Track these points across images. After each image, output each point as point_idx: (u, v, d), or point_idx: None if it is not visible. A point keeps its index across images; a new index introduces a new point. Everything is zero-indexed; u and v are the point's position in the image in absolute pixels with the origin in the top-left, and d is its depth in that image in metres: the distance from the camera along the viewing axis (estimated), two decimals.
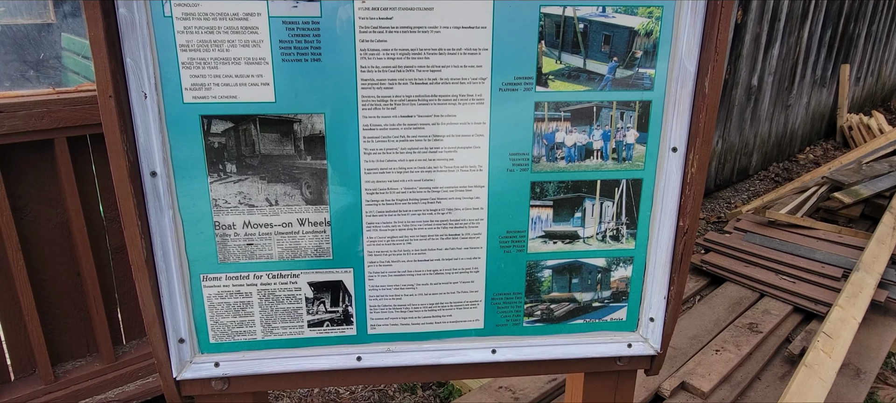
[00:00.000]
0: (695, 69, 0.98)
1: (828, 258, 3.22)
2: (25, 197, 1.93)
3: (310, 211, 0.99)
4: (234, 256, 1.00)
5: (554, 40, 0.95)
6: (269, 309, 1.05)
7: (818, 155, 5.88)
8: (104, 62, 0.84)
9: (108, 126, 0.87)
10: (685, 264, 1.08)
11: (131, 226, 0.92)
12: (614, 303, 1.13)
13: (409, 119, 0.96)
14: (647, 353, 1.16)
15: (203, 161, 0.94)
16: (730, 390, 2.34)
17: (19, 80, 1.98)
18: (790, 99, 5.42)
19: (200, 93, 0.91)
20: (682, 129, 1.01)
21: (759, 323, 2.77)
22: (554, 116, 0.99)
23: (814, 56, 5.55)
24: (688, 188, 1.03)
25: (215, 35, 0.88)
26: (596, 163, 1.03)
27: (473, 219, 1.04)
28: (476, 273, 1.07)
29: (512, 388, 2.26)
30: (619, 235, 1.08)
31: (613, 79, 0.98)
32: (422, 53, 0.93)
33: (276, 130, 0.94)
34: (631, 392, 1.26)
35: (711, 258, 3.33)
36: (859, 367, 2.51)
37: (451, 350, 1.11)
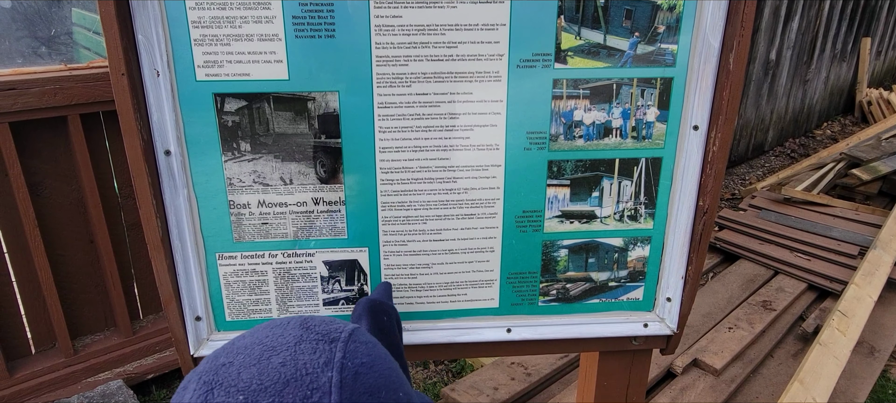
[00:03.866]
0: (719, 44, 0.95)
1: (844, 235, 3.18)
2: (41, 173, 1.94)
3: (324, 189, 0.99)
4: (250, 235, 1.00)
5: (574, 15, 0.92)
6: (284, 287, 1.05)
7: (836, 130, 5.78)
8: (116, 39, 0.82)
9: (122, 104, 0.86)
10: (704, 244, 1.06)
11: (146, 205, 0.92)
12: (631, 283, 1.12)
13: (424, 96, 0.95)
14: (664, 333, 1.15)
15: (217, 139, 0.94)
16: (742, 367, 2.33)
17: (31, 57, 1.98)
18: (809, 73, 5.31)
19: (213, 70, 0.90)
20: (704, 107, 0.99)
21: (772, 301, 2.75)
22: (572, 94, 0.97)
23: (834, 29, 5.41)
24: (709, 167, 1.01)
25: (227, 11, 0.87)
26: (615, 141, 1.01)
27: (489, 199, 1.02)
28: (491, 252, 1.07)
29: (524, 364, 2.27)
30: (637, 215, 1.07)
31: (634, 56, 0.96)
32: (438, 29, 0.91)
33: (289, 108, 0.93)
34: (646, 371, 1.25)
35: (725, 235, 3.30)
36: (874, 345, 2.49)
37: (466, 328, 1.11)
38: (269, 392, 0.40)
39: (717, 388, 2.21)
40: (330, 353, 0.44)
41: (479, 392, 2.12)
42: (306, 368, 0.42)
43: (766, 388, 2.28)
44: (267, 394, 0.40)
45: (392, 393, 0.45)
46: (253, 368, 0.42)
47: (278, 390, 0.41)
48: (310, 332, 0.45)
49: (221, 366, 0.43)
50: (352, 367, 0.43)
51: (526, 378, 2.19)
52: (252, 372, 0.42)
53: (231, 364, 0.43)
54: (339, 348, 0.44)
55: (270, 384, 0.41)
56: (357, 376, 0.43)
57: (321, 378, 0.42)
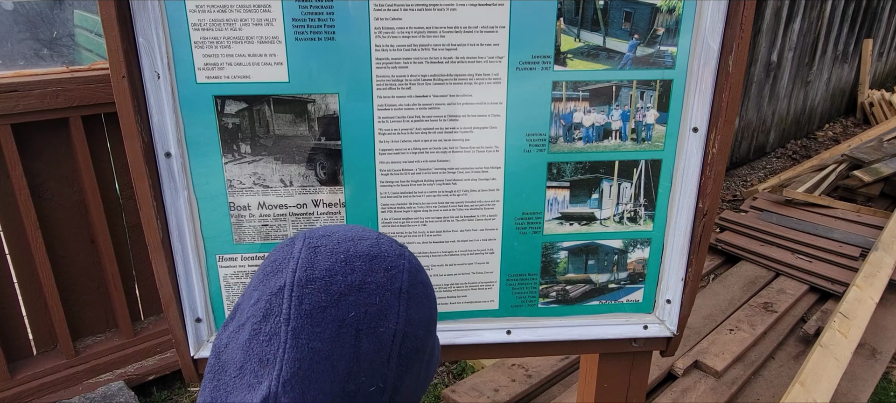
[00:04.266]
0: (718, 46, 0.95)
1: (846, 237, 3.17)
2: (43, 175, 1.94)
3: (324, 192, 0.99)
4: (250, 237, 1.00)
5: (573, 17, 0.93)
6: None
7: (838, 132, 5.77)
8: (117, 42, 0.83)
9: (122, 107, 0.86)
10: (704, 246, 1.06)
11: (147, 207, 0.92)
12: (631, 285, 1.12)
13: (424, 99, 0.95)
14: (664, 335, 1.15)
15: (217, 141, 0.94)
16: (743, 369, 2.33)
17: (33, 59, 1.99)
18: (810, 75, 5.31)
19: (213, 73, 0.90)
20: (703, 109, 0.99)
21: (774, 303, 2.75)
22: (572, 96, 0.97)
23: (836, 30, 5.41)
24: (708, 169, 1.01)
25: (227, 14, 0.87)
26: (614, 143, 1.01)
27: (489, 201, 1.03)
28: (491, 254, 1.07)
29: (525, 366, 2.27)
30: (636, 217, 1.07)
31: (634, 58, 0.96)
32: (437, 31, 0.91)
33: (289, 110, 0.93)
34: (646, 372, 1.25)
35: (726, 236, 3.30)
36: (875, 347, 2.48)
37: (465, 330, 1.11)
38: (362, 259, 0.53)
39: (718, 390, 2.20)
40: (401, 250, 0.57)
41: (480, 393, 2.11)
42: (387, 252, 0.55)
43: (767, 390, 2.28)
44: (361, 260, 0.53)
45: (434, 294, 0.59)
46: (349, 243, 0.54)
47: (368, 260, 0.53)
48: (383, 236, 0.58)
49: (322, 236, 0.55)
50: (413, 264, 0.57)
51: (527, 380, 2.19)
52: (348, 246, 0.54)
53: (331, 236, 0.55)
54: (406, 250, 0.58)
55: (363, 254, 0.54)
56: (416, 271, 0.57)
57: (398, 261, 0.55)
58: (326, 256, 0.52)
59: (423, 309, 0.55)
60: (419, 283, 0.56)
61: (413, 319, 0.53)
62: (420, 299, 0.55)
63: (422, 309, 0.55)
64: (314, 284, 0.50)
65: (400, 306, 0.52)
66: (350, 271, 0.52)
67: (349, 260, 0.52)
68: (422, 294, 0.55)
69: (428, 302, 0.56)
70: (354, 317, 0.50)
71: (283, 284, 0.51)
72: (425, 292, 0.56)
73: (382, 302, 0.52)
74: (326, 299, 0.50)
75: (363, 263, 0.53)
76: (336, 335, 0.49)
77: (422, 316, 0.55)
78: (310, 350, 0.48)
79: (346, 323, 0.50)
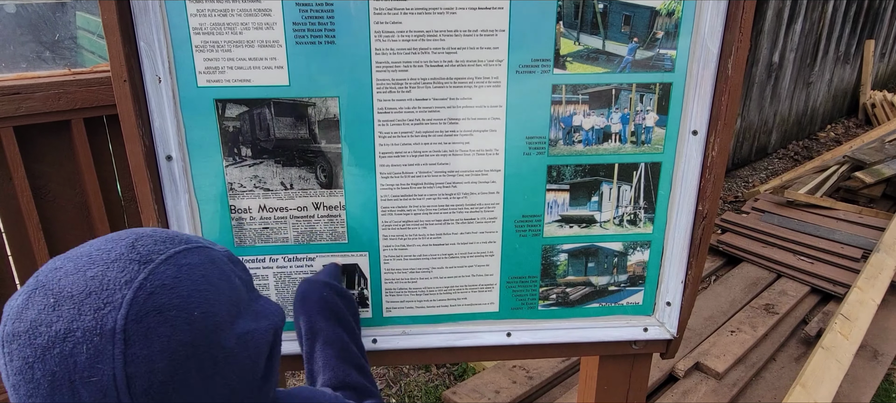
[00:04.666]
0: (718, 50, 0.95)
1: (847, 239, 3.17)
2: (45, 177, 1.95)
3: (324, 195, 0.99)
4: (251, 240, 1.01)
5: (572, 21, 0.93)
6: (285, 291, 1.05)
7: (840, 133, 5.76)
8: (118, 46, 0.83)
9: (124, 110, 0.87)
10: (703, 248, 1.06)
11: (148, 210, 0.93)
12: (631, 287, 1.12)
13: (424, 102, 0.95)
14: (664, 337, 1.15)
15: (218, 145, 0.94)
16: (745, 371, 2.33)
17: (35, 61, 1.99)
18: (812, 76, 5.30)
19: (214, 76, 0.90)
20: (703, 112, 0.99)
21: (775, 304, 2.75)
22: (571, 99, 0.97)
23: (838, 31, 5.40)
24: (708, 172, 1.01)
25: (228, 18, 0.88)
26: (614, 146, 1.01)
27: (489, 203, 1.03)
28: (491, 257, 1.07)
29: (525, 367, 2.27)
30: (636, 219, 1.07)
31: (633, 61, 0.96)
32: (437, 35, 0.91)
33: (290, 114, 0.94)
34: (646, 374, 1.25)
35: (728, 238, 3.30)
36: (877, 349, 2.48)
37: (466, 332, 1.11)
38: (74, 300, 0.47)
39: (720, 392, 2.20)
40: (135, 273, 0.49)
41: (481, 395, 2.12)
42: (109, 284, 0.48)
43: (768, 392, 2.27)
44: (70, 302, 0.47)
45: (184, 312, 0.49)
46: (72, 276, 0.48)
47: (81, 299, 0.47)
48: (132, 250, 0.50)
49: (54, 270, 0.50)
50: (149, 287, 0.48)
51: (527, 382, 2.19)
52: (69, 282, 0.48)
53: (61, 268, 0.49)
54: (147, 270, 0.49)
55: (77, 293, 0.47)
56: (151, 295, 0.48)
57: (117, 294, 0.47)
58: (37, 302, 0.47)
59: (156, 342, 0.47)
60: (152, 312, 0.48)
61: (140, 357, 0.47)
62: (150, 332, 0.47)
63: (154, 343, 0.47)
64: (19, 340, 0.47)
65: (115, 349, 0.46)
66: (56, 319, 0.46)
67: (58, 305, 0.47)
68: (153, 325, 0.47)
69: (167, 331, 0.48)
70: (64, 370, 0.46)
71: None
72: (162, 319, 0.48)
73: (91, 349, 0.46)
74: (32, 354, 0.46)
75: (71, 306, 0.47)
76: (51, 389, 0.46)
77: (156, 349, 0.47)
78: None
79: (58, 377, 0.46)
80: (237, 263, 0.60)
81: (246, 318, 0.55)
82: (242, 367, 0.54)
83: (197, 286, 0.51)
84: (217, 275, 0.54)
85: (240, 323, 0.54)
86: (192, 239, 0.56)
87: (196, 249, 0.54)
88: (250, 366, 0.55)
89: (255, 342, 0.55)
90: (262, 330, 0.56)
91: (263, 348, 0.56)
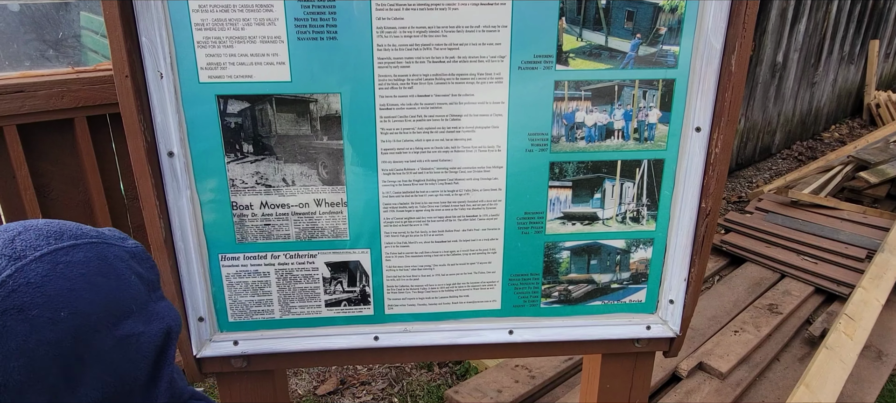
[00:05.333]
0: (721, 46, 0.95)
1: (852, 239, 3.15)
2: (48, 175, 1.95)
3: (326, 191, 0.99)
4: (252, 236, 1.01)
5: (575, 17, 0.93)
6: (286, 288, 1.05)
7: (844, 133, 5.74)
8: (120, 41, 0.83)
9: (125, 106, 0.87)
10: (707, 246, 1.06)
11: (150, 206, 0.93)
12: (633, 285, 1.12)
13: (426, 98, 0.95)
14: (666, 336, 1.14)
15: (220, 141, 0.94)
16: (748, 371, 2.32)
17: (39, 60, 2.00)
18: (816, 76, 5.28)
19: (216, 72, 0.90)
20: (706, 109, 0.98)
21: (779, 304, 2.74)
22: (574, 95, 0.97)
23: (842, 31, 5.38)
24: (711, 169, 1.01)
25: (230, 13, 0.87)
26: (617, 143, 1.01)
27: (491, 200, 1.02)
28: (493, 254, 1.07)
29: (528, 366, 2.26)
30: (639, 216, 1.06)
31: (636, 57, 0.96)
32: (439, 31, 0.91)
33: (292, 110, 0.93)
34: (649, 373, 1.25)
35: (732, 238, 3.29)
36: (881, 349, 2.47)
37: (468, 330, 1.11)
38: None
39: (723, 392, 2.19)
40: (1, 269, 0.47)
41: (483, 394, 2.11)
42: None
43: (772, 392, 2.26)
44: None
45: (48, 311, 0.48)
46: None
47: None
48: (10, 245, 0.49)
49: None
50: (12, 285, 0.47)
51: (530, 381, 2.18)
52: None
53: None
54: (15, 266, 0.48)
55: None
56: (12, 293, 0.47)
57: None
58: None
59: (13, 340, 0.46)
60: (10, 310, 0.47)
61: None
62: (8, 329, 0.46)
63: (11, 340, 0.46)
64: None
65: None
66: None
67: None
68: (13, 322, 0.46)
69: (26, 328, 0.47)
70: None
71: None
72: (22, 318, 0.47)
73: None
74: None
75: None
76: None
77: (13, 347, 0.46)
78: None
79: None
80: (143, 261, 0.58)
81: (134, 320, 0.54)
82: (120, 370, 0.52)
83: (71, 285, 0.50)
84: (102, 274, 0.52)
85: (125, 325, 0.53)
86: (86, 235, 0.54)
87: (84, 246, 0.52)
88: (130, 369, 0.53)
89: (139, 345, 0.54)
90: (151, 333, 0.55)
91: (148, 351, 0.55)
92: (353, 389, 2.30)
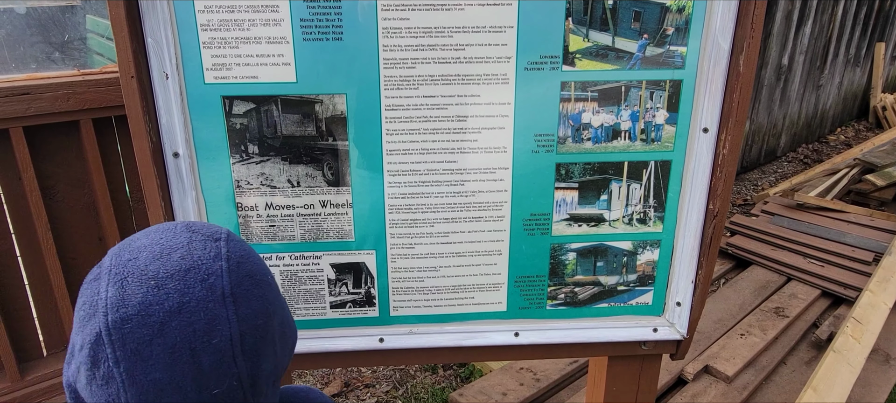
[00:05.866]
0: (729, 46, 0.94)
1: (858, 241, 3.13)
2: (53, 177, 1.96)
3: (331, 192, 0.99)
4: (257, 237, 1.00)
5: (582, 17, 0.92)
6: (291, 290, 1.05)
7: (850, 136, 5.71)
8: (125, 42, 0.83)
9: (131, 106, 0.87)
10: (714, 248, 1.05)
11: (155, 207, 0.93)
12: (640, 287, 1.11)
13: (431, 99, 0.94)
14: (674, 338, 1.13)
15: (225, 142, 0.94)
16: (754, 374, 2.30)
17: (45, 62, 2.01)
18: (822, 78, 5.26)
19: (221, 73, 0.90)
20: (714, 109, 0.98)
21: (785, 308, 2.72)
22: (581, 96, 0.97)
23: (848, 34, 5.36)
24: (719, 170, 1.00)
25: (236, 14, 0.87)
26: (623, 144, 1.00)
27: (497, 202, 1.02)
28: (499, 255, 1.06)
29: (533, 369, 2.25)
30: (646, 218, 1.06)
31: (643, 58, 0.95)
32: (445, 31, 0.91)
33: (297, 111, 0.93)
34: (655, 376, 1.24)
35: (737, 240, 3.27)
36: (889, 353, 2.45)
37: (473, 332, 1.10)
38: (174, 278, 0.51)
39: (729, 395, 2.18)
40: (217, 248, 0.54)
41: (488, 397, 2.10)
42: (202, 259, 0.53)
43: (778, 396, 2.25)
44: (173, 279, 0.51)
45: (266, 276, 0.57)
46: (157, 262, 0.52)
47: (182, 275, 0.51)
48: (196, 234, 0.55)
49: (128, 261, 0.52)
50: (235, 257, 0.55)
51: (535, 384, 2.17)
52: (157, 265, 0.51)
53: (137, 259, 0.52)
54: (223, 244, 0.55)
55: (175, 271, 0.51)
56: (240, 263, 0.54)
57: (213, 266, 0.52)
58: (136, 288, 0.50)
59: (255, 302, 0.53)
60: (246, 277, 0.54)
61: (246, 316, 0.52)
62: (249, 293, 0.53)
63: (254, 303, 0.53)
64: (130, 323, 0.49)
65: (227, 312, 0.51)
66: (165, 297, 0.50)
67: (161, 285, 0.50)
68: (249, 287, 0.54)
69: (259, 291, 0.54)
70: (184, 339, 0.49)
71: (99, 331, 0.49)
72: (254, 282, 0.54)
73: (208, 315, 0.50)
74: (148, 333, 0.49)
75: (177, 283, 0.50)
76: (171, 361, 0.49)
77: (256, 308, 0.53)
78: (149, 382, 0.49)
79: (178, 347, 0.49)
80: None
81: None
82: (284, 349, 0.60)
83: (258, 257, 0.58)
84: None
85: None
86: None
87: (230, 231, 0.61)
88: (283, 353, 0.60)
89: (291, 330, 0.62)
90: (292, 327, 0.63)
91: (294, 341, 0.63)
92: (357, 391, 2.29)
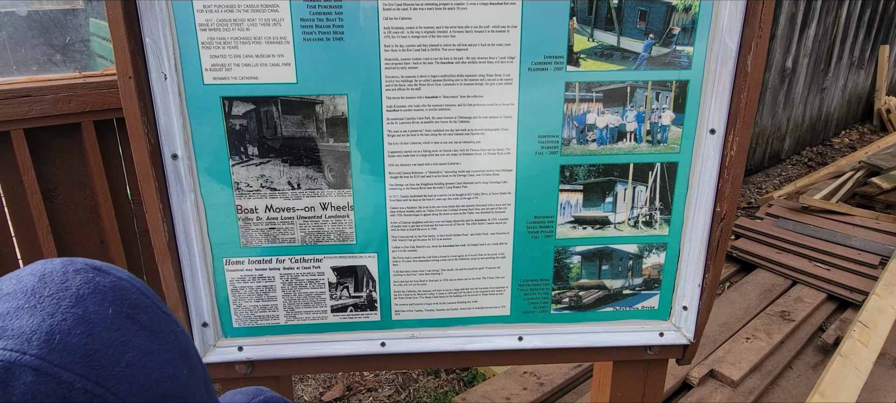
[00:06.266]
0: (737, 46, 0.92)
1: (864, 245, 3.11)
2: (55, 180, 1.95)
3: (332, 195, 0.97)
4: (257, 240, 0.99)
5: (586, 16, 0.91)
6: (292, 293, 1.03)
7: (854, 139, 5.68)
8: (123, 42, 0.82)
9: (129, 108, 0.85)
10: (721, 251, 1.03)
11: (153, 209, 0.91)
12: (646, 291, 1.09)
13: (434, 100, 0.93)
14: (680, 342, 1.12)
15: (224, 143, 0.93)
16: (760, 379, 2.28)
17: (46, 64, 2.00)
18: (826, 81, 5.24)
19: (220, 74, 0.89)
20: (721, 110, 0.96)
21: (791, 311, 2.69)
22: (585, 97, 0.95)
23: (852, 37, 5.34)
24: (726, 172, 0.98)
25: (235, 14, 0.86)
26: (629, 145, 0.99)
27: (500, 204, 1.00)
28: (503, 259, 1.04)
29: (537, 373, 2.23)
30: (652, 221, 1.04)
31: (649, 58, 0.94)
32: (447, 31, 0.90)
33: (297, 112, 0.92)
34: (661, 381, 1.22)
35: (742, 244, 3.25)
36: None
37: (476, 336, 1.09)
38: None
39: (735, 400, 2.16)
40: (93, 275, 0.46)
41: (491, 401, 2.08)
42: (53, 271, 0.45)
43: (785, 400, 2.22)
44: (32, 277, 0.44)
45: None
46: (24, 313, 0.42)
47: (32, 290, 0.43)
48: (60, 268, 0.47)
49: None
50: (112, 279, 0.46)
51: (538, 388, 2.15)
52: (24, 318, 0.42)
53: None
54: (102, 272, 0.47)
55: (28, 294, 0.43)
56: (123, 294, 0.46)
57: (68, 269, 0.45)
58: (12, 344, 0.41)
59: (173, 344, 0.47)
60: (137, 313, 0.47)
61: None
62: None
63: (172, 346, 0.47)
64: (54, 333, 0.41)
65: (100, 277, 0.46)
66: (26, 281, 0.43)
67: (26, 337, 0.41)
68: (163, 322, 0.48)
69: None
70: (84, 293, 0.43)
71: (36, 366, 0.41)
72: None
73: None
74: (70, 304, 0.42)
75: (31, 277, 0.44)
76: None
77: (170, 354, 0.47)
78: None
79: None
80: None
81: None
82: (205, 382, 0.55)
83: None
84: None
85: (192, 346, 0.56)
86: None
87: None
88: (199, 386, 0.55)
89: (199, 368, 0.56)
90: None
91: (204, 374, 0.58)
92: (359, 395, 2.27)
